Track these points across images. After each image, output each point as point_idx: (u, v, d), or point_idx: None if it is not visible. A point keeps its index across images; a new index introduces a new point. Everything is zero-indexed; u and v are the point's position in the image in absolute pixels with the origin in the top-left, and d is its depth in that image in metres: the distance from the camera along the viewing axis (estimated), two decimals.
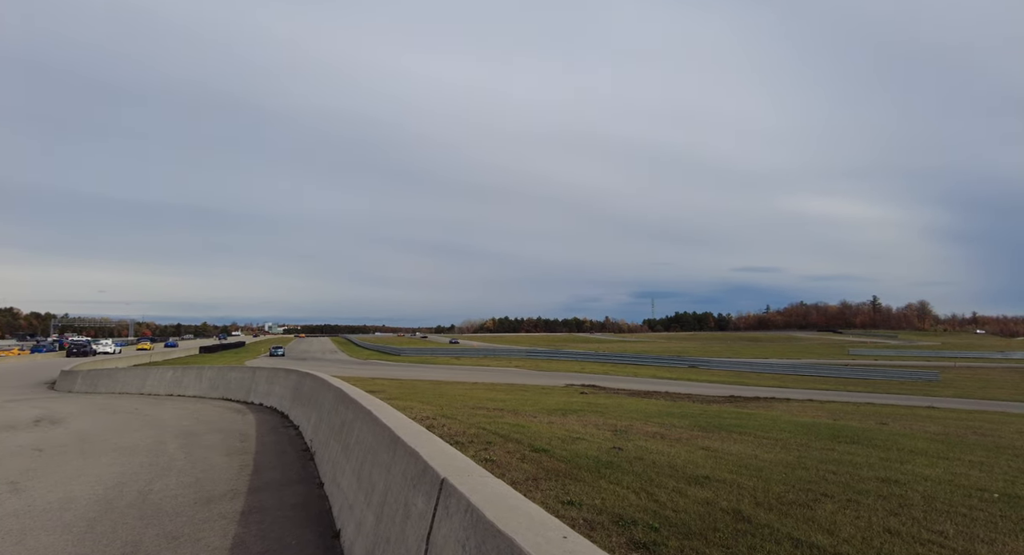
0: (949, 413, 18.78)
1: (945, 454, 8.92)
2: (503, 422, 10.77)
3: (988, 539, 4.64)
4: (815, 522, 4.91)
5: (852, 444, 9.59)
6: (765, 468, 7.17)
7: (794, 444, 9.39)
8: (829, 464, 7.64)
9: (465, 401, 15.74)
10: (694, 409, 15.69)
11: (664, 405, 17.01)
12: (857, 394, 30.23)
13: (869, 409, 19.20)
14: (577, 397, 19.73)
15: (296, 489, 6.32)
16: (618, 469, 6.77)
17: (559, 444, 8.39)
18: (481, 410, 13.26)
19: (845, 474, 6.98)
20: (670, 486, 6.03)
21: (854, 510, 5.34)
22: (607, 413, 13.52)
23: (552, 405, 15.44)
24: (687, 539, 4.40)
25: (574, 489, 5.78)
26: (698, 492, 5.80)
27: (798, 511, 5.23)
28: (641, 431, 10.32)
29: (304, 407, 10.94)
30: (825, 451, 8.80)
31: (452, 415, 11.50)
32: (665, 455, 7.83)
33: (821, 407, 19.45)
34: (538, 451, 7.67)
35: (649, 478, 6.37)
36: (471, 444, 8.14)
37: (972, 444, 10.35)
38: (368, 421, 5.04)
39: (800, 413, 16.40)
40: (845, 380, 44.41)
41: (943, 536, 4.67)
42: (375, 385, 22.36)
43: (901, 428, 12.66)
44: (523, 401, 16.63)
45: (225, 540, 4.53)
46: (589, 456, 7.51)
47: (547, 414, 12.82)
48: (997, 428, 13.43)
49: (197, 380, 21.46)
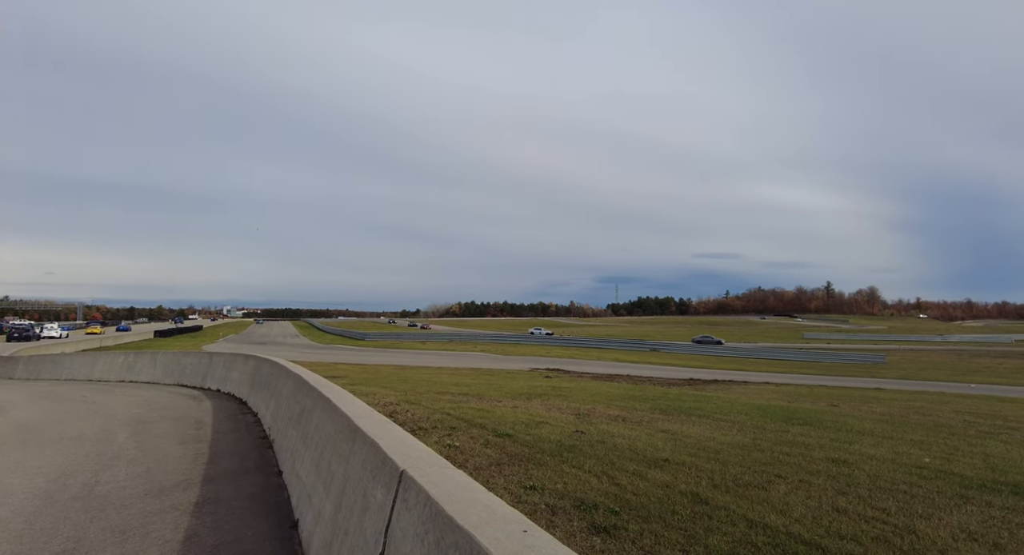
0: (894, 394, 19.70)
1: (889, 434, 9.34)
2: (467, 407, 10.75)
3: (926, 514, 4.88)
4: (769, 503, 5.06)
5: (805, 426, 9.94)
6: (722, 450, 7.36)
7: (750, 426, 9.67)
8: (783, 446, 7.90)
9: (430, 386, 15.66)
10: (655, 392, 16.01)
11: (626, 388, 17.31)
12: (811, 377, 31.41)
13: (822, 391, 19.97)
14: (542, 381, 19.88)
15: (254, 478, 6.16)
16: (580, 453, 6.84)
17: (523, 429, 8.42)
18: (446, 395, 13.21)
19: (798, 455, 7.23)
20: (631, 469, 6.12)
21: (805, 490, 5.53)
22: (571, 397, 13.67)
23: (517, 389, 15.52)
24: (646, 522, 4.47)
25: (537, 474, 5.80)
26: (658, 475, 5.91)
27: (753, 492, 5.39)
28: (604, 414, 10.46)
29: (263, 393, 10.68)
30: (780, 433, 9.10)
31: (416, 401, 11.42)
32: (626, 438, 7.95)
33: (777, 390, 20.13)
34: (502, 436, 7.68)
35: (611, 462, 6.45)
36: (435, 430, 8.09)
37: (914, 424, 10.88)
38: (327, 409, 4.93)
39: (757, 396, 16.93)
40: (800, 363, 46.10)
41: (886, 513, 4.88)
42: (337, 370, 22.04)
43: (850, 410, 13.20)
44: (488, 386, 16.66)
45: (177, 533, 4.37)
46: (552, 440, 7.56)
47: (512, 398, 12.87)
48: (936, 408, 14.16)
49: (151, 365, 20.72)
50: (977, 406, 15.58)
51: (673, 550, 3.94)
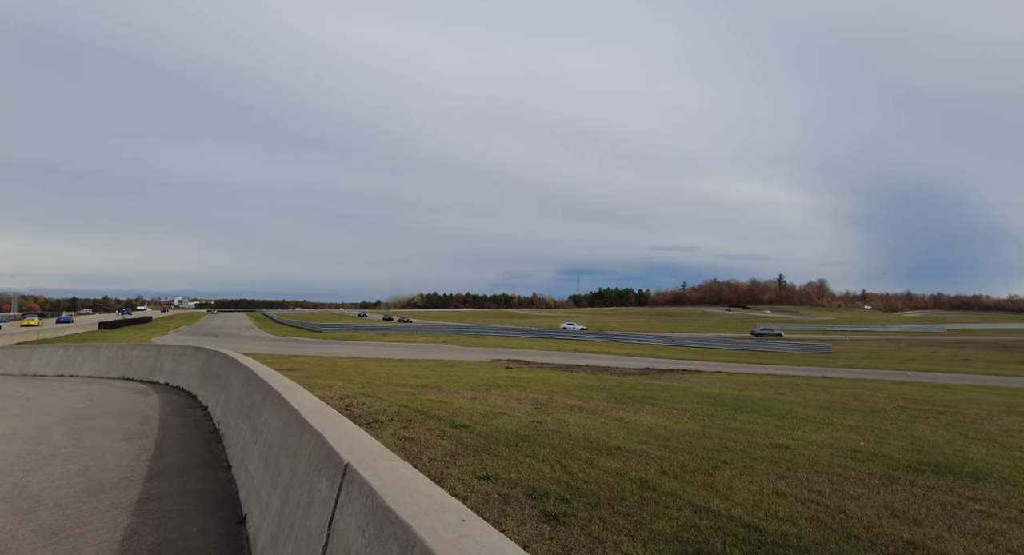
0: (838, 382, 20.67)
1: (830, 420, 9.80)
2: (425, 399, 10.72)
3: (856, 494, 5.16)
4: (714, 488, 5.25)
5: (752, 413, 10.33)
6: (672, 438, 7.59)
7: (701, 414, 9.99)
8: (731, 432, 8.20)
9: (388, 379, 15.53)
10: (612, 382, 16.32)
11: (584, 378, 17.58)
12: (761, 366, 32.59)
13: (771, 380, 20.77)
14: (502, 372, 19.98)
15: (201, 473, 6.00)
16: (535, 442, 6.93)
17: (480, 420, 8.46)
18: (404, 387, 13.14)
19: (744, 442, 7.51)
20: (583, 458, 6.24)
21: (749, 475, 5.76)
22: (529, 387, 13.79)
23: (476, 381, 15.55)
24: (596, 509, 4.58)
25: (491, 464, 5.85)
26: (609, 463, 6.05)
27: (700, 478, 5.58)
28: (561, 404, 10.61)
29: (213, 387, 10.38)
30: (728, 420, 9.43)
31: (373, 393, 11.32)
32: (581, 427, 8.10)
33: (728, 379, 20.81)
34: (458, 428, 7.70)
35: (564, 450, 6.57)
36: (391, 422, 8.05)
37: (853, 410, 11.45)
38: (277, 403, 4.84)
39: (709, 385, 17.47)
40: (752, 353, 47.75)
41: (821, 494, 5.14)
42: (293, 363, 21.60)
43: (796, 397, 13.78)
44: (448, 377, 16.64)
45: (115, 532, 4.22)
46: (508, 431, 7.63)
47: (471, 390, 12.90)
48: (874, 395, 14.94)
49: (93, 359, 19.82)
50: (911, 392, 16.50)
51: (619, 535, 4.05)
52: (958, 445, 7.88)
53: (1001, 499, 5.20)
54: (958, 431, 9.11)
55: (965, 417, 10.93)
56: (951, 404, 13.15)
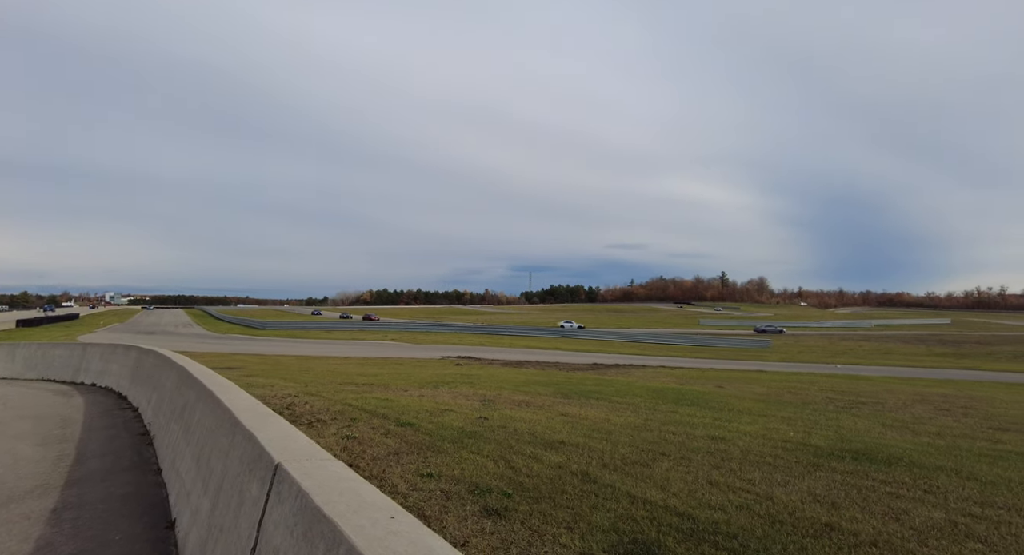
0: (774, 376, 21.68)
1: (764, 412, 10.29)
2: (371, 397, 10.57)
3: (783, 482, 5.45)
4: (652, 479, 5.43)
5: (692, 406, 10.71)
6: (615, 431, 7.78)
7: (643, 408, 10.28)
8: (670, 425, 8.47)
9: (333, 377, 15.21)
10: (560, 377, 16.56)
11: (533, 374, 17.75)
12: (703, 360, 33.80)
13: (711, 374, 21.58)
14: (451, 369, 19.92)
15: (128, 477, 5.72)
16: (481, 439, 6.96)
17: (426, 417, 8.42)
18: (350, 386, 12.91)
19: (682, 434, 7.78)
20: (527, 452, 6.32)
21: (685, 466, 5.98)
22: (478, 384, 13.82)
23: (425, 378, 15.45)
24: (537, 502, 4.65)
25: (435, 461, 5.85)
26: (552, 457, 6.15)
27: (638, 470, 5.75)
28: (508, 400, 10.68)
29: (144, 387, 9.89)
30: (669, 413, 9.75)
31: (317, 392, 11.07)
32: (527, 423, 8.18)
33: (671, 373, 21.48)
34: (404, 426, 7.64)
35: (509, 446, 6.62)
36: (334, 421, 7.90)
37: (786, 402, 12.05)
38: (210, 402, 4.67)
39: (653, 379, 17.98)
40: (695, 348, 49.43)
41: (751, 483, 5.40)
42: (234, 361, 20.84)
43: (734, 390, 14.37)
44: (396, 375, 16.45)
45: (24, 545, 3.96)
46: (454, 428, 7.62)
47: (418, 387, 12.80)
48: (806, 388, 15.77)
49: (8, 359, 18.48)
50: (839, 385, 17.52)
51: (559, 528, 4.13)
52: (876, 433, 8.43)
53: (908, 481, 5.61)
54: (877, 420, 9.74)
55: (884, 407, 11.70)
56: (873, 395, 14.03)
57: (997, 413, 11.24)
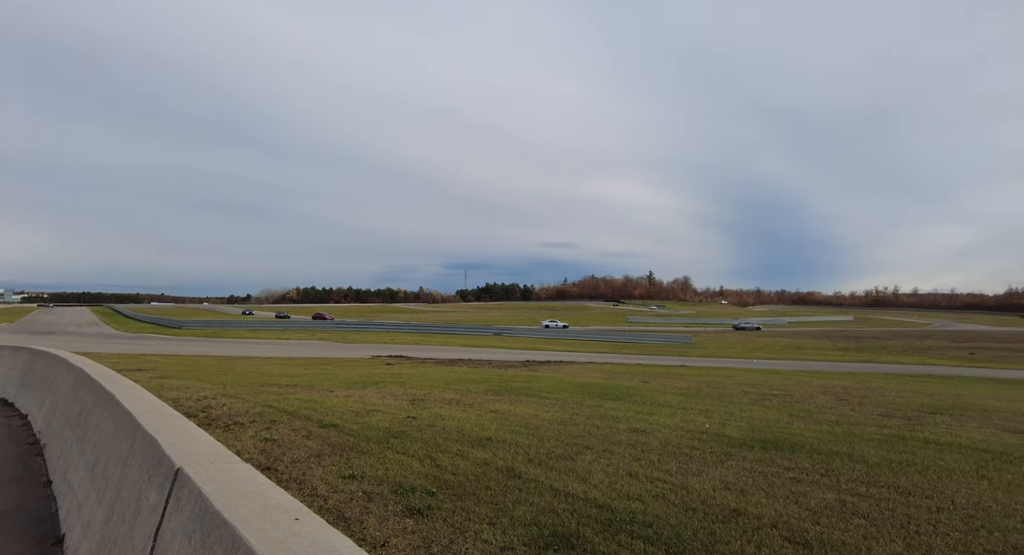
0: (694, 370, 22.75)
1: (684, 405, 10.78)
2: (295, 398, 10.21)
3: (697, 471, 5.74)
4: (574, 472, 5.56)
5: (617, 400, 11.05)
6: (542, 426, 7.91)
7: (571, 403, 10.50)
8: (595, 419, 8.71)
9: (254, 378, 14.55)
10: (492, 375, 16.63)
11: (465, 372, 17.73)
12: (630, 356, 34.93)
13: (637, 369, 22.35)
14: (382, 369, 19.55)
15: (10, 492, 5.22)
16: (407, 438, 6.88)
17: (352, 418, 8.23)
18: (272, 387, 12.39)
19: (606, 428, 8.02)
20: (454, 450, 6.31)
21: (607, 459, 6.17)
22: (408, 383, 13.64)
23: (353, 378, 15.07)
24: (461, 500, 4.65)
25: (358, 462, 5.72)
26: (479, 454, 6.17)
27: (562, 464, 5.88)
28: (439, 399, 10.61)
29: (35, 392, 9.06)
30: (595, 408, 10.01)
31: (236, 394, 10.55)
32: (456, 421, 8.17)
33: (599, 369, 22.07)
34: (327, 427, 7.43)
35: (436, 444, 6.59)
36: (253, 424, 7.57)
37: (704, 395, 12.68)
38: (110, 406, 4.35)
39: (581, 374, 18.41)
40: (623, 344, 51.00)
41: (668, 473, 5.64)
42: (145, 362, 19.48)
43: (657, 385, 14.96)
44: (322, 376, 15.95)
45: None
46: (381, 428, 7.49)
47: (345, 388, 12.48)
48: (723, 381, 16.65)
49: None
50: (753, 378, 18.62)
51: (481, 524, 4.16)
52: (783, 423, 9.03)
53: (808, 466, 6.06)
54: (785, 411, 10.44)
55: (792, 398, 12.55)
56: (783, 388, 15.02)
57: (886, 401, 12.33)
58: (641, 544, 3.85)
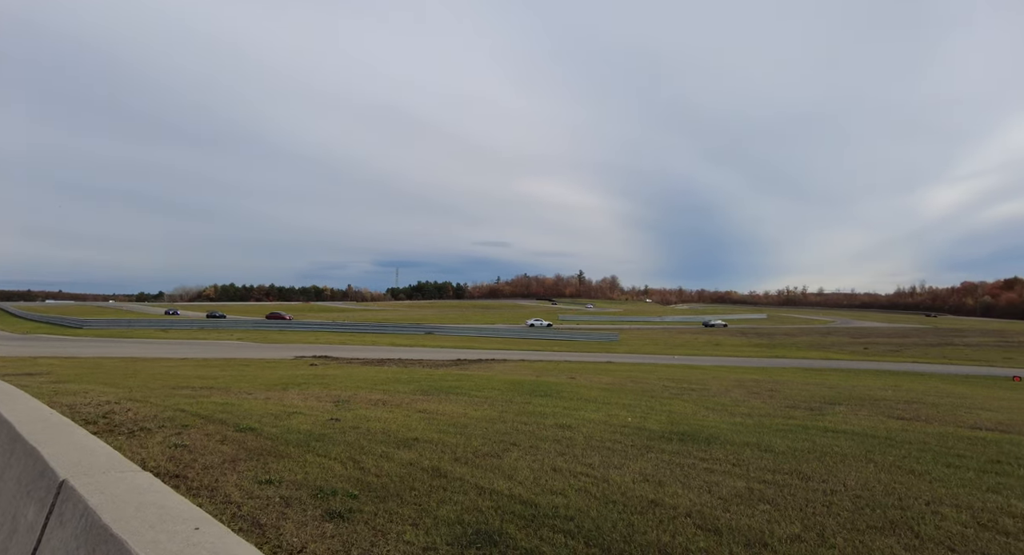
0: (620, 366, 23.50)
1: (608, 400, 11.10)
2: (209, 402, 9.65)
3: (619, 465, 5.94)
4: (500, 470, 5.59)
5: (545, 397, 11.23)
6: (470, 425, 7.90)
7: (500, 401, 10.57)
8: (524, 416, 8.81)
9: (165, 381, 13.64)
10: (421, 374, 16.44)
11: (394, 372, 17.43)
12: (560, 353, 35.60)
13: (565, 366, 22.81)
14: (305, 369, 18.86)
15: None
16: (330, 441, 6.68)
17: (271, 421, 7.88)
18: (184, 390, 11.65)
19: (533, 424, 8.13)
20: (379, 452, 6.18)
21: (533, 455, 6.25)
22: (333, 384, 13.24)
23: (274, 380, 14.45)
24: (383, 502, 4.57)
25: (276, 467, 5.49)
26: (404, 454, 6.08)
27: (489, 461, 5.90)
28: (365, 400, 10.37)
29: None
30: (523, 405, 10.12)
31: (143, 398, 9.84)
32: (382, 421, 8.01)
33: (530, 366, 22.35)
34: (244, 431, 7.08)
35: (360, 446, 6.43)
36: (161, 429, 7.09)
37: (628, 390, 13.12)
38: None
39: (512, 372, 18.57)
40: (553, 342, 51.90)
41: (591, 467, 5.80)
42: (37, 366, 17.78)
43: (584, 381, 15.34)
44: (240, 377, 15.18)
45: None
46: (302, 431, 7.23)
47: (265, 390, 11.93)
48: (646, 376, 17.31)
49: None
50: (674, 373, 19.48)
51: (403, 525, 4.10)
52: (700, 416, 9.50)
53: (721, 457, 6.41)
54: (702, 404, 10.99)
55: (709, 392, 13.24)
56: (701, 382, 15.82)
57: (792, 393, 13.27)
58: (562, 538, 3.93)
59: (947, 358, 39.49)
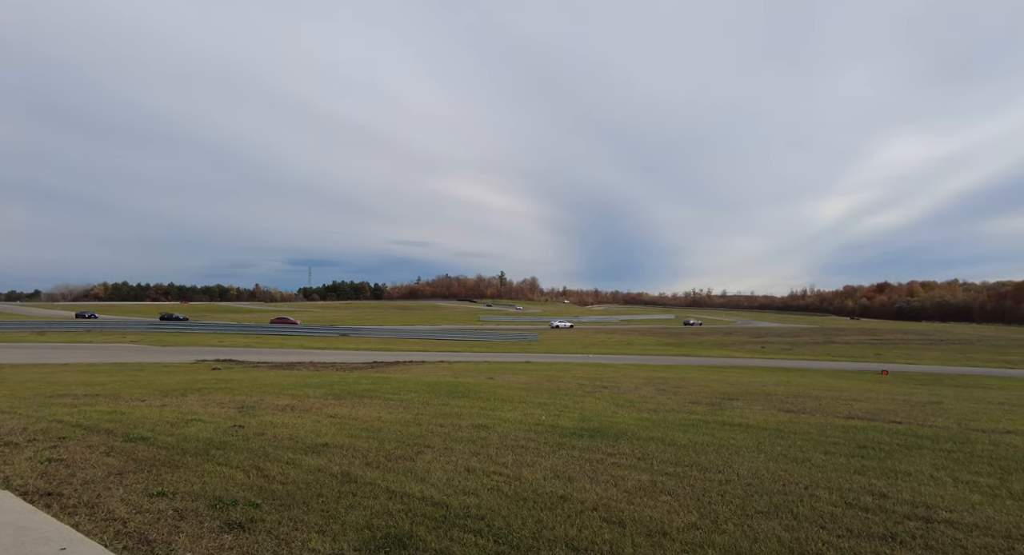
0: (538, 366, 23.93)
1: (524, 399, 11.28)
2: (94, 410, 8.85)
3: (531, 462, 6.06)
4: (413, 473, 5.54)
5: (463, 398, 11.23)
6: (384, 428, 7.76)
7: (417, 403, 10.44)
8: (440, 418, 8.76)
9: (40, 389, 12.32)
10: (334, 378, 15.91)
11: (305, 376, 16.74)
12: (480, 354, 35.68)
13: (484, 366, 22.91)
14: (207, 374, 17.68)
15: None
16: (232, 448, 6.33)
17: (166, 429, 7.35)
18: (65, 398, 10.59)
19: (450, 425, 8.11)
20: (285, 458, 5.94)
21: (447, 457, 6.24)
22: (238, 389, 12.51)
23: (171, 385, 13.43)
24: (288, 509, 4.40)
25: (170, 478, 5.13)
26: (313, 460, 5.88)
27: (401, 465, 5.82)
28: (272, 405, 9.89)
29: None
30: (441, 406, 10.06)
31: (11, 408, 8.87)
32: (290, 427, 7.69)
33: (450, 367, 22.25)
34: (134, 440, 6.55)
35: (265, 453, 6.14)
36: (32, 443, 6.42)
37: (544, 389, 13.40)
38: None
39: (431, 373, 18.40)
40: (473, 342, 51.92)
41: (504, 466, 5.87)
42: None
43: (502, 381, 15.48)
44: (131, 383, 13.99)
45: None
46: (201, 439, 6.79)
47: (161, 396, 11.08)
48: (561, 376, 17.76)
49: None
50: (588, 372, 20.11)
51: (309, 532, 3.96)
52: (610, 412, 9.89)
53: (628, 451, 6.71)
54: (612, 401, 11.44)
55: (619, 389, 13.79)
56: (613, 380, 16.45)
57: (696, 390, 14.11)
58: (472, 537, 3.96)
59: (831, 355, 43.52)
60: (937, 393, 16.28)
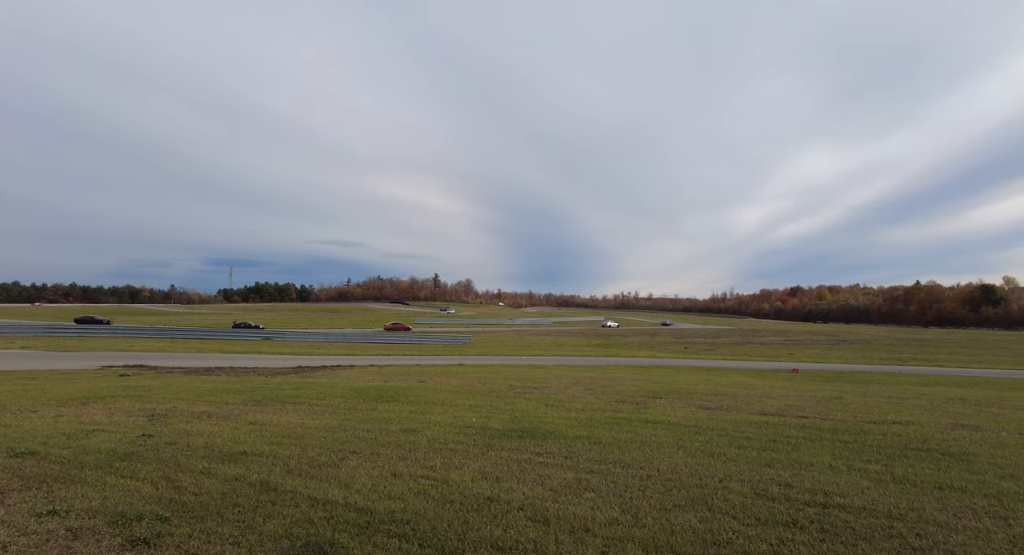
0: (471, 368, 23.87)
1: (455, 402, 11.23)
2: None
3: (460, 465, 6.05)
4: (337, 479, 5.39)
5: (392, 402, 11.03)
6: (308, 435, 7.50)
7: (343, 408, 10.16)
8: (367, 423, 8.57)
9: None
10: (255, 383, 15.19)
11: (223, 382, 15.88)
12: (412, 357, 35.16)
13: (416, 370, 22.60)
14: (114, 381, 16.40)
15: None
16: (139, 459, 5.92)
17: (61, 442, 6.77)
18: None
19: (377, 430, 7.95)
20: (199, 468, 5.62)
21: (373, 462, 6.12)
22: (148, 397, 11.69)
23: (70, 394, 12.36)
24: (201, 521, 4.17)
25: (64, 494, 4.73)
26: (230, 469, 5.60)
27: (325, 471, 5.65)
28: (186, 412, 9.32)
29: None
30: (368, 411, 9.84)
31: None
32: (205, 435, 7.28)
33: (379, 371, 21.78)
34: (20, 455, 5.99)
35: (176, 463, 5.79)
36: None
37: (475, 392, 13.40)
38: None
39: (359, 378, 17.94)
40: (406, 345, 51.09)
41: (432, 469, 5.83)
42: None
43: (433, 384, 15.33)
44: (21, 392, 12.76)
45: None
46: (103, 450, 6.31)
47: (57, 406, 10.18)
48: (494, 377, 17.82)
49: None
50: (520, 373, 20.29)
51: (223, 545, 3.78)
52: (540, 413, 10.03)
53: (555, 450, 6.84)
54: (542, 402, 11.61)
55: (549, 389, 14.01)
56: (543, 381, 16.68)
57: (622, 389, 14.56)
58: (397, 542, 3.91)
59: (748, 355, 46.17)
60: (839, 389, 17.64)
